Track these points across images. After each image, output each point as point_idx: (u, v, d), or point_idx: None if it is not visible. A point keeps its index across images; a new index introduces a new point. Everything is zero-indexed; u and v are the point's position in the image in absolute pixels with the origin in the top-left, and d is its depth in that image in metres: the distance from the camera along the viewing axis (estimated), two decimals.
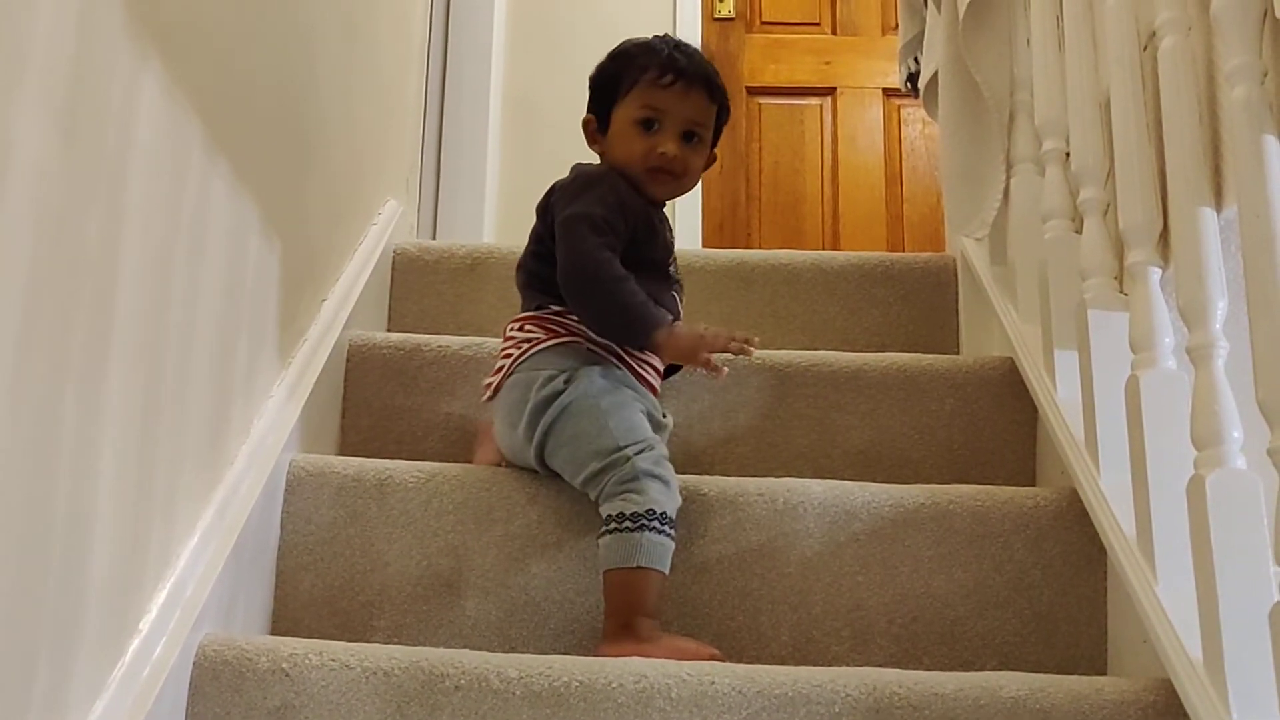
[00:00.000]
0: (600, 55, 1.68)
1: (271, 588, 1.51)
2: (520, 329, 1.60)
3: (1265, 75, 1.18)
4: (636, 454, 1.46)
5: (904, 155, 3.92)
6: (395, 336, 1.91)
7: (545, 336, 1.57)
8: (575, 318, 1.57)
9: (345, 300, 1.89)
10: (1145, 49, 1.45)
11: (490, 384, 1.61)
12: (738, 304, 2.12)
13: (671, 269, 1.67)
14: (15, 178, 0.90)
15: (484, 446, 1.70)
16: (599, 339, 1.57)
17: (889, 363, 1.83)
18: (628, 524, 1.41)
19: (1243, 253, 1.13)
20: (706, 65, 1.64)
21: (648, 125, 1.60)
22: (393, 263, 2.20)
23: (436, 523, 1.53)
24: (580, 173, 1.64)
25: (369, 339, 1.89)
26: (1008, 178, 1.92)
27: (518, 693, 1.22)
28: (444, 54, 3.28)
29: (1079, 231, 1.56)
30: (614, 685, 1.22)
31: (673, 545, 1.43)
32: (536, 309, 1.61)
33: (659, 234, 1.63)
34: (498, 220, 3.36)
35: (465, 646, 1.39)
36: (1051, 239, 1.66)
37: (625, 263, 1.54)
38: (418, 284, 2.19)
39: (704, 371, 1.52)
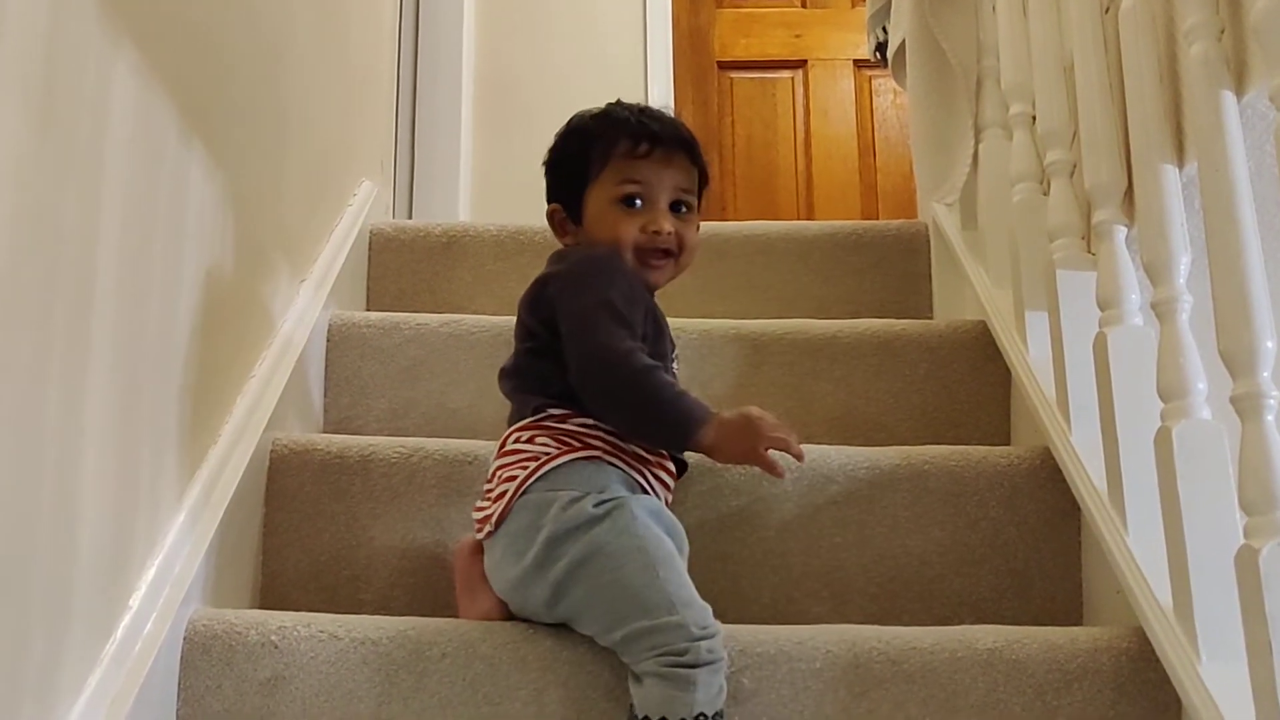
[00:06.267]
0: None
1: (259, 564, 1.53)
2: (528, 441, 1.32)
3: (1222, 32, 1.20)
4: (700, 638, 1.16)
5: (876, 126, 3.93)
6: (374, 315, 1.92)
7: (559, 450, 1.30)
8: (587, 421, 1.32)
9: (323, 281, 1.90)
10: (1107, 11, 1.47)
11: (488, 514, 1.31)
12: (712, 275, 2.13)
13: (675, 365, 1.45)
14: None
15: (474, 594, 1.37)
16: (621, 449, 1.32)
17: (863, 329, 1.85)
18: None
19: (1203, 207, 1.15)
20: (681, 126, 1.45)
21: (630, 203, 1.39)
22: (369, 243, 2.21)
23: (419, 497, 1.55)
24: (584, 256, 1.39)
25: (348, 318, 1.90)
26: (976, 143, 1.94)
27: (505, 659, 1.24)
28: (415, 33, 3.28)
29: (1047, 194, 1.58)
30: (600, 648, 1.24)
31: None
32: (536, 414, 1.33)
33: (665, 327, 1.42)
34: (472, 198, 3.37)
35: (451, 617, 1.41)
36: (1020, 202, 1.68)
37: None
38: (394, 263, 2.20)
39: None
